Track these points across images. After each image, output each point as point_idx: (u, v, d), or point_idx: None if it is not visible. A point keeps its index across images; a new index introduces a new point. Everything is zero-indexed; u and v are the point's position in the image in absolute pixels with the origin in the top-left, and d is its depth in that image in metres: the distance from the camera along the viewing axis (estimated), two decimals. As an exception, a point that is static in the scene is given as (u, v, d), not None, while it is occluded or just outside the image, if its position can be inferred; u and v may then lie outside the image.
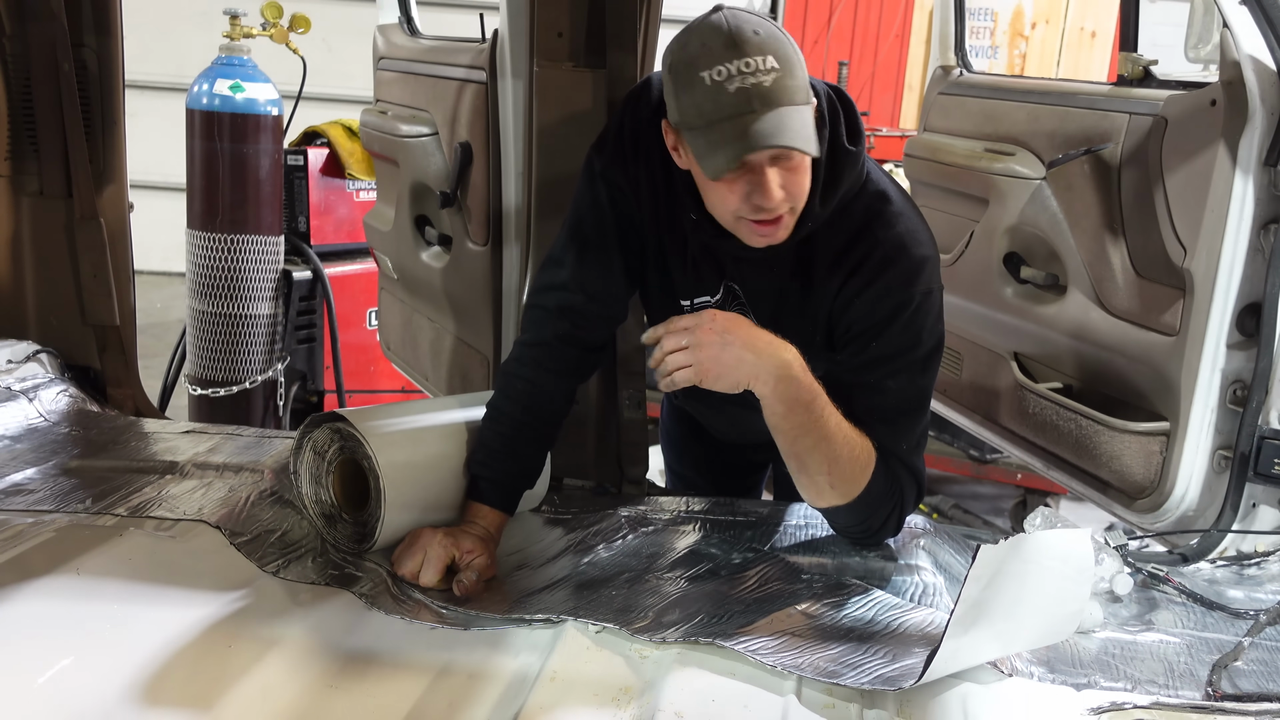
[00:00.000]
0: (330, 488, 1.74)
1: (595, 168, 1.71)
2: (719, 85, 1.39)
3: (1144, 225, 2.01)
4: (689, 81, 1.41)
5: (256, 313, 3.43)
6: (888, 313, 1.57)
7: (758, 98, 1.38)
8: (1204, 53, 2.50)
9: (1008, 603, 1.33)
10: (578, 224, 1.73)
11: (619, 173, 1.68)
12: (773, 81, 1.39)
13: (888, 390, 1.58)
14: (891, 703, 1.33)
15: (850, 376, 1.59)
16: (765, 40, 1.40)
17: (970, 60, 2.80)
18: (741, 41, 1.39)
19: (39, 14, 2.35)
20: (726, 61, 1.38)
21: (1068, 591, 1.41)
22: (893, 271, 1.56)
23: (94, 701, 1.26)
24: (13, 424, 2.19)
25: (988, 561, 1.28)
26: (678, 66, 1.44)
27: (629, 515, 1.89)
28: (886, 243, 1.57)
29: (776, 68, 1.39)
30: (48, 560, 1.60)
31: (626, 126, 1.67)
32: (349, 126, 3.75)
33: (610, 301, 1.76)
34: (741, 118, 1.39)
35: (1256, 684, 1.46)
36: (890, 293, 1.56)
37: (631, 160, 1.67)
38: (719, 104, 1.39)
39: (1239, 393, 1.86)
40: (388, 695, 1.31)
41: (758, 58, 1.38)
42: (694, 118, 1.43)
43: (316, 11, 3.77)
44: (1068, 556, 1.38)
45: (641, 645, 1.44)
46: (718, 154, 1.42)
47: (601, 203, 1.70)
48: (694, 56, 1.41)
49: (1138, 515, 2.00)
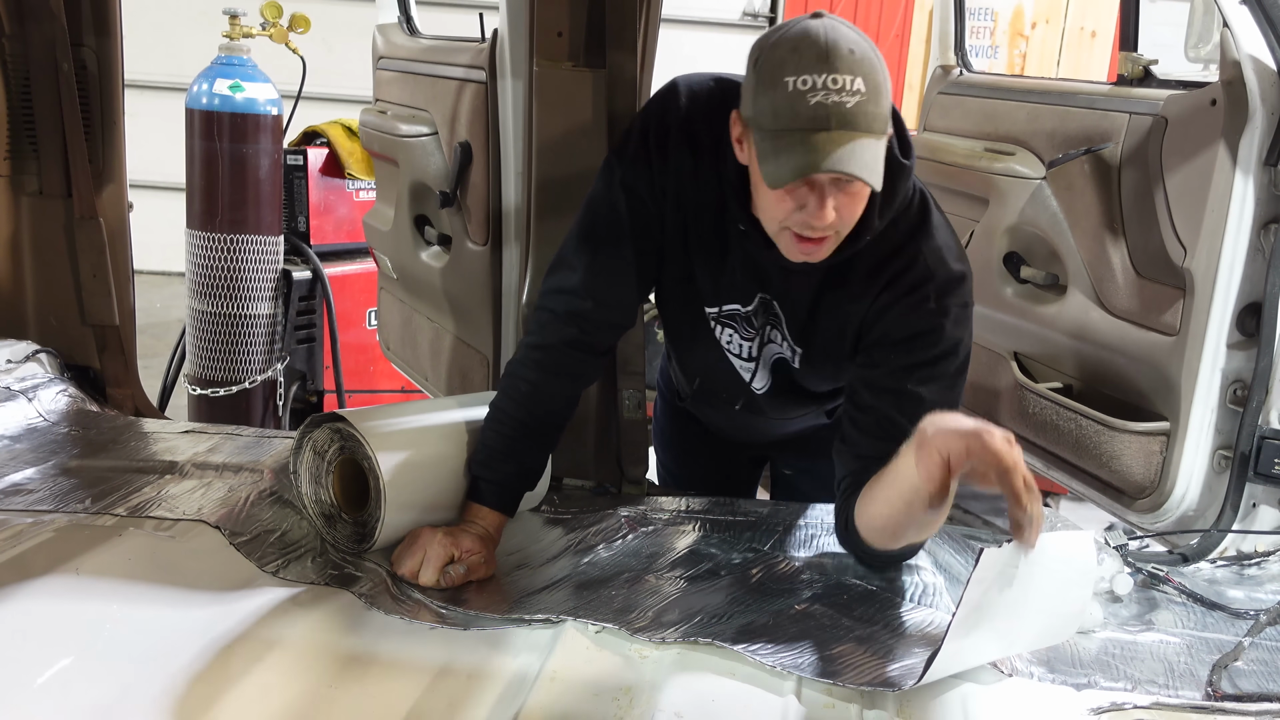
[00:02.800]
0: (330, 488, 1.73)
1: (615, 173, 1.67)
2: (801, 94, 1.35)
3: (1144, 225, 2.01)
4: (771, 82, 1.37)
5: (256, 313, 3.43)
6: (925, 324, 1.55)
7: (836, 117, 1.35)
8: (1204, 52, 2.50)
9: (1009, 605, 1.32)
10: (591, 228, 1.70)
11: (641, 179, 1.64)
12: (855, 104, 1.35)
13: (921, 399, 1.54)
14: (891, 703, 1.33)
15: (883, 383, 1.58)
16: (858, 61, 1.36)
17: (970, 60, 2.80)
18: (835, 56, 1.35)
19: (39, 14, 2.35)
20: (815, 73, 1.35)
21: (1070, 594, 1.41)
22: (932, 284, 1.55)
23: (94, 701, 1.26)
24: (12, 424, 2.19)
25: (990, 564, 1.28)
26: (764, 64, 1.40)
27: (629, 515, 1.89)
28: (928, 254, 1.56)
29: (863, 91, 1.35)
30: (47, 560, 1.59)
31: (652, 131, 1.63)
32: (348, 126, 3.75)
33: (620, 309, 1.74)
34: (815, 133, 1.35)
35: (1257, 684, 1.46)
36: (928, 304, 1.55)
37: (658, 167, 1.63)
38: (796, 113, 1.36)
39: (1239, 393, 1.86)
40: (388, 695, 1.31)
41: (847, 76, 1.34)
42: (768, 119, 1.39)
43: (316, 11, 3.77)
44: (1070, 559, 1.38)
45: (641, 645, 1.44)
46: (782, 163, 1.38)
47: (619, 209, 1.66)
48: (783, 59, 1.37)
49: (1138, 515, 2.00)
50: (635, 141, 1.65)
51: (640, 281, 1.72)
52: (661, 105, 1.66)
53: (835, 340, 1.65)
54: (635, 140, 1.66)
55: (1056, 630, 1.44)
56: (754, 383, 1.79)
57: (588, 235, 1.70)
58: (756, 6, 8.02)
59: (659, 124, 1.63)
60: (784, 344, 1.71)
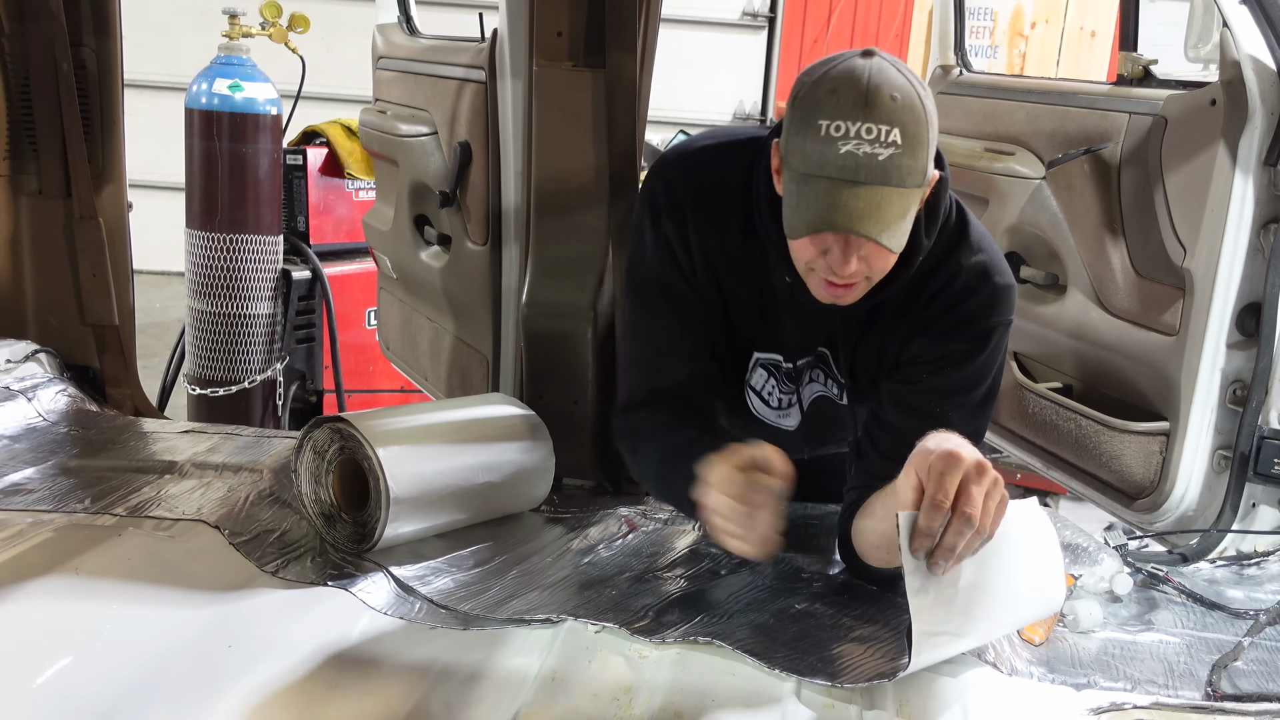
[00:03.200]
0: (330, 487, 1.73)
1: (647, 237, 1.59)
2: (832, 140, 1.29)
3: (1144, 225, 2.01)
4: (805, 123, 1.32)
5: (255, 312, 3.42)
6: (964, 345, 1.52)
7: (865, 169, 1.29)
8: (1204, 52, 2.50)
9: (974, 585, 1.32)
10: (651, 310, 1.61)
11: (674, 234, 1.57)
12: (888, 157, 1.29)
13: (950, 421, 1.46)
14: (891, 703, 1.33)
15: (910, 401, 1.54)
16: (898, 110, 1.29)
17: (970, 60, 2.80)
18: (874, 104, 1.28)
19: (38, 14, 2.35)
20: (850, 119, 1.28)
21: (1038, 560, 1.40)
22: (974, 300, 1.51)
23: (94, 701, 1.26)
24: (12, 424, 2.19)
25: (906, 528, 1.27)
26: (801, 103, 1.33)
27: (629, 515, 1.89)
28: (970, 270, 1.51)
29: (898, 144, 1.29)
30: (47, 560, 1.59)
31: (677, 188, 1.57)
32: (348, 126, 3.74)
33: (700, 358, 1.63)
34: (840, 184, 1.30)
35: (1256, 684, 1.46)
36: (969, 322, 1.51)
37: (694, 223, 1.56)
38: (824, 159, 1.30)
39: (1239, 392, 1.86)
40: (388, 695, 1.31)
41: (883, 127, 1.28)
42: (798, 161, 1.33)
43: (316, 11, 3.77)
44: (1026, 524, 1.37)
45: (641, 645, 1.44)
46: (801, 213, 1.34)
47: (669, 266, 1.58)
48: (820, 100, 1.31)
49: (1137, 515, 2.00)
50: (662, 201, 1.58)
51: (710, 322, 1.63)
52: (679, 162, 1.61)
53: (876, 363, 1.59)
54: (662, 200, 1.58)
55: (1043, 601, 1.44)
56: (784, 423, 1.72)
57: (651, 314, 1.63)
58: (756, 6, 8.02)
59: (682, 182, 1.57)
60: (829, 383, 1.65)
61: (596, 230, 2.06)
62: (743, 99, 8.08)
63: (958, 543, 1.26)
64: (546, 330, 2.10)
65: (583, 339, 2.08)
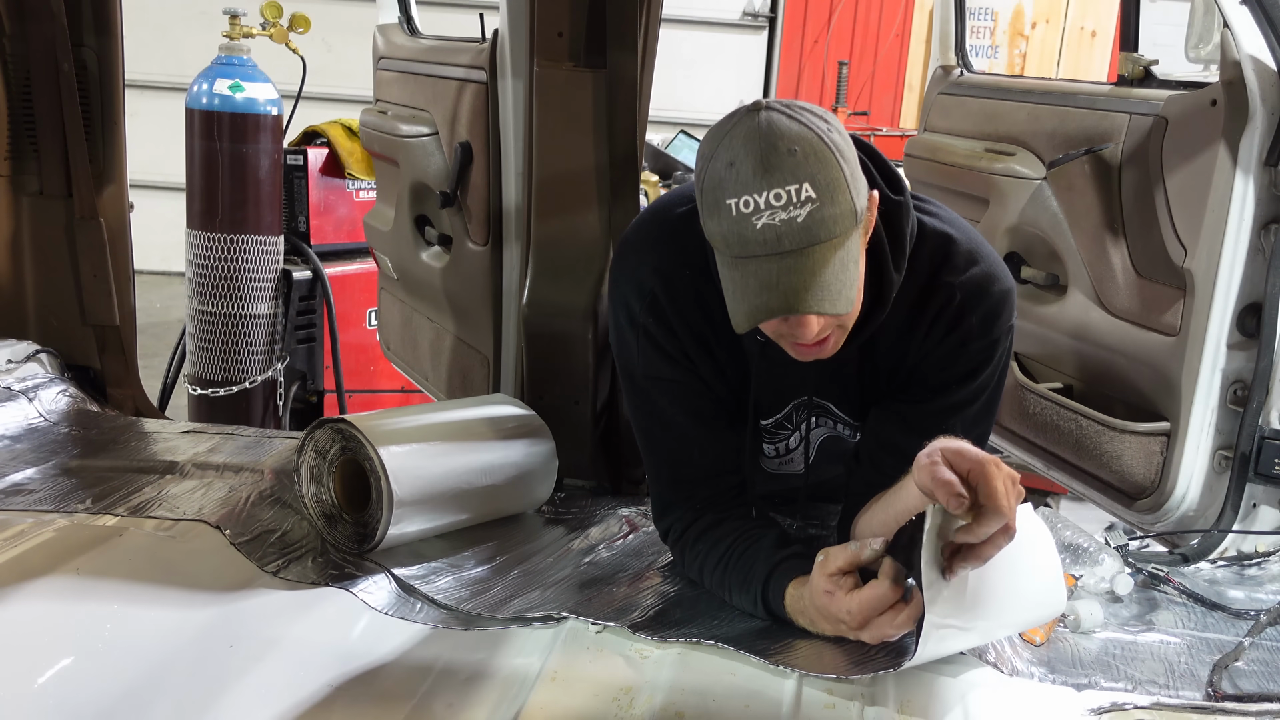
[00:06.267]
0: (331, 488, 1.74)
1: (628, 336, 1.54)
2: (745, 218, 1.23)
3: (1144, 225, 2.01)
4: (715, 206, 1.26)
5: (256, 312, 3.42)
6: (969, 362, 1.49)
7: (788, 236, 1.22)
8: (1204, 53, 2.50)
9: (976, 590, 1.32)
10: (655, 414, 1.57)
11: (654, 325, 1.52)
12: (807, 215, 1.22)
13: (955, 428, 1.39)
14: (892, 702, 1.33)
15: (915, 422, 1.48)
16: (800, 163, 1.22)
17: (970, 60, 2.80)
18: (773, 167, 1.22)
19: (39, 14, 2.35)
20: (755, 192, 1.22)
21: (1035, 564, 1.40)
22: (972, 318, 1.47)
23: (95, 701, 1.26)
24: (13, 424, 2.19)
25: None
26: (707, 185, 1.27)
27: (629, 515, 1.89)
28: (962, 288, 1.46)
29: (813, 197, 1.22)
30: (48, 560, 1.59)
31: (644, 275, 1.52)
32: (349, 126, 3.74)
33: (734, 453, 1.59)
34: (768, 260, 1.24)
35: (1257, 684, 1.46)
36: (972, 339, 1.48)
37: (669, 305, 1.51)
38: (744, 239, 1.24)
39: (1239, 393, 1.86)
40: (388, 695, 1.31)
41: (791, 187, 1.21)
42: (721, 245, 1.28)
43: (316, 11, 3.77)
44: (1028, 528, 1.37)
45: (642, 645, 1.44)
46: (739, 302, 1.28)
47: (659, 360, 1.54)
48: (721, 177, 1.25)
49: (1138, 515, 2.00)
50: (630, 334, 1.54)
51: (714, 411, 1.58)
52: (637, 250, 1.56)
53: (877, 387, 1.56)
54: (630, 333, 1.54)
55: (1047, 604, 1.44)
56: (790, 469, 1.71)
57: (665, 425, 1.58)
58: (757, 6, 8.03)
59: (640, 296, 1.52)
60: (838, 425, 1.63)
61: (597, 230, 2.06)
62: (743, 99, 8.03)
63: (993, 551, 1.25)
64: (547, 330, 2.10)
65: (583, 339, 2.08)
